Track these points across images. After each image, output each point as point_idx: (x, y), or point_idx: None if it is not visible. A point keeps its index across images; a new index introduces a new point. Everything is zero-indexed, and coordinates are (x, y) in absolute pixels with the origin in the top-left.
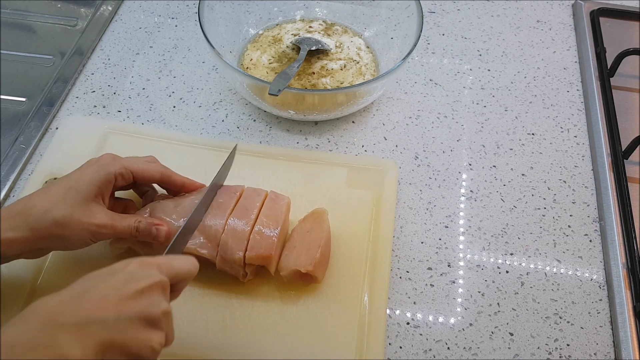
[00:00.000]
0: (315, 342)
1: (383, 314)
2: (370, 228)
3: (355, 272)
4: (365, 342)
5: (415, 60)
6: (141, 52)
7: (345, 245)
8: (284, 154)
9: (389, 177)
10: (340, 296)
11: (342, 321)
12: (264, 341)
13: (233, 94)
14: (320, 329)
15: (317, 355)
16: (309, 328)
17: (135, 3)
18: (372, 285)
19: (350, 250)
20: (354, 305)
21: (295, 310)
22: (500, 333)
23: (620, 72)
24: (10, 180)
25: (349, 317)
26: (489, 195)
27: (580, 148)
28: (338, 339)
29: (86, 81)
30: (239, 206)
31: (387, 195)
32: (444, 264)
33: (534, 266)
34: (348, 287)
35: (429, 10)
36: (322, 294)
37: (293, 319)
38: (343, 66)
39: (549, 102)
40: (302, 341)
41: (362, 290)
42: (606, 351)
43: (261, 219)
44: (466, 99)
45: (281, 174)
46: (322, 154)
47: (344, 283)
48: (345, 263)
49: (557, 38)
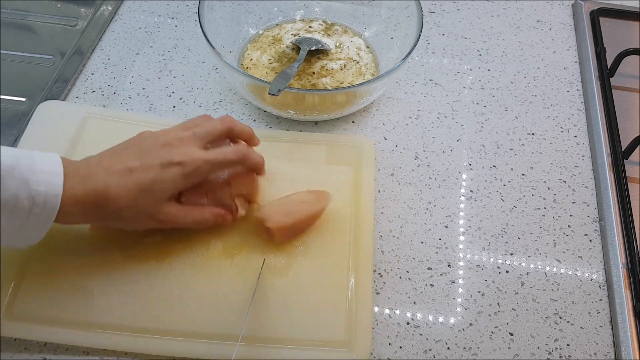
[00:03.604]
0: (304, 308)
1: (370, 280)
2: (353, 200)
3: (340, 242)
4: (355, 310)
5: (415, 60)
6: (141, 52)
7: (329, 215)
8: (262, 135)
9: (366, 152)
10: (328, 266)
11: (330, 288)
12: (256, 315)
13: (233, 94)
14: (308, 296)
15: (307, 328)
16: (297, 296)
17: (135, 3)
18: (357, 253)
19: (335, 220)
20: (341, 273)
21: (286, 282)
22: (500, 333)
23: (620, 72)
24: None
25: (336, 284)
26: (489, 195)
27: (580, 148)
28: (326, 305)
29: (86, 81)
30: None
31: (366, 168)
32: (444, 264)
33: (534, 266)
34: (334, 255)
35: (429, 10)
36: (309, 264)
37: (282, 287)
38: (343, 66)
39: (549, 102)
40: (292, 306)
41: (348, 257)
42: (606, 351)
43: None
44: (466, 99)
45: (262, 152)
46: (299, 134)
47: (329, 252)
48: (331, 235)
49: (557, 38)
